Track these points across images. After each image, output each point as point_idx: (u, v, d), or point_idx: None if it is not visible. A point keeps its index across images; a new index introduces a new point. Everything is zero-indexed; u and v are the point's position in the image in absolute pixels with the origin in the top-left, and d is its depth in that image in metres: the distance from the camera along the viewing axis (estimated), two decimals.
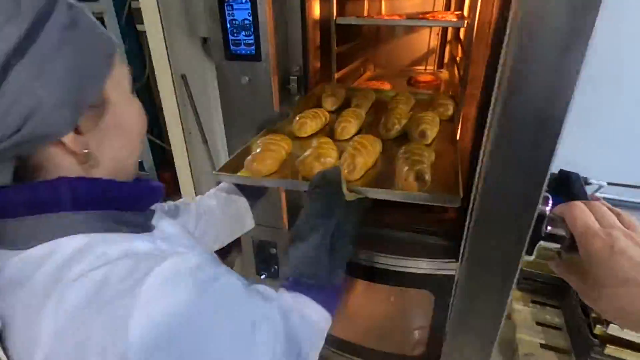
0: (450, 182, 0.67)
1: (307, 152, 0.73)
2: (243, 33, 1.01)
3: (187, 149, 1.27)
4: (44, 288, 0.30)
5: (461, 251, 1.01)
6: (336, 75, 1.18)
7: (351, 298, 1.63)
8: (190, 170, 1.32)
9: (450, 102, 1.05)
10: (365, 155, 0.71)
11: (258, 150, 0.79)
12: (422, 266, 1.09)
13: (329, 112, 1.05)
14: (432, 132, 0.87)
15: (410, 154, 0.71)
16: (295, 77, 1.07)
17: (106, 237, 0.35)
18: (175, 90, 1.19)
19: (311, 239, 0.48)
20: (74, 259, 0.32)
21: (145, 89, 1.65)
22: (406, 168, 0.66)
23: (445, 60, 1.68)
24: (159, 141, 1.76)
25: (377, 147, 0.79)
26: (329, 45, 1.12)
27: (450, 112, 1.03)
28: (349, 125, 0.92)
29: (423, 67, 1.73)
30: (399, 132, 0.92)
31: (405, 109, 1.02)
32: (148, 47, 1.16)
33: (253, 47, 1.03)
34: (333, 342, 1.38)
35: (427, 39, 1.70)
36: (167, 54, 1.14)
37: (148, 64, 1.53)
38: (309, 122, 0.95)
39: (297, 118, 0.96)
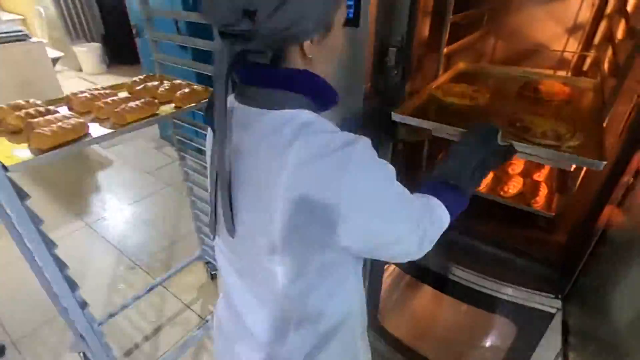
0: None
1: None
2: None
3: None
4: (292, 135, 0.46)
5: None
6: (446, 50, 0.99)
7: (421, 301, 1.50)
8: None
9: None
10: None
11: None
12: (507, 292, 0.91)
13: None
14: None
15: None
16: (395, 49, 0.92)
17: (319, 116, 0.51)
18: None
19: (465, 157, 0.65)
20: (310, 124, 0.48)
21: None
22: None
23: (597, 40, 1.31)
24: None
25: None
26: (443, 11, 0.93)
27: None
28: None
29: (563, 48, 1.38)
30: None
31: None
32: None
33: (352, 10, 0.90)
34: (391, 340, 1.29)
35: (575, 9, 1.34)
36: None
37: None
38: None
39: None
